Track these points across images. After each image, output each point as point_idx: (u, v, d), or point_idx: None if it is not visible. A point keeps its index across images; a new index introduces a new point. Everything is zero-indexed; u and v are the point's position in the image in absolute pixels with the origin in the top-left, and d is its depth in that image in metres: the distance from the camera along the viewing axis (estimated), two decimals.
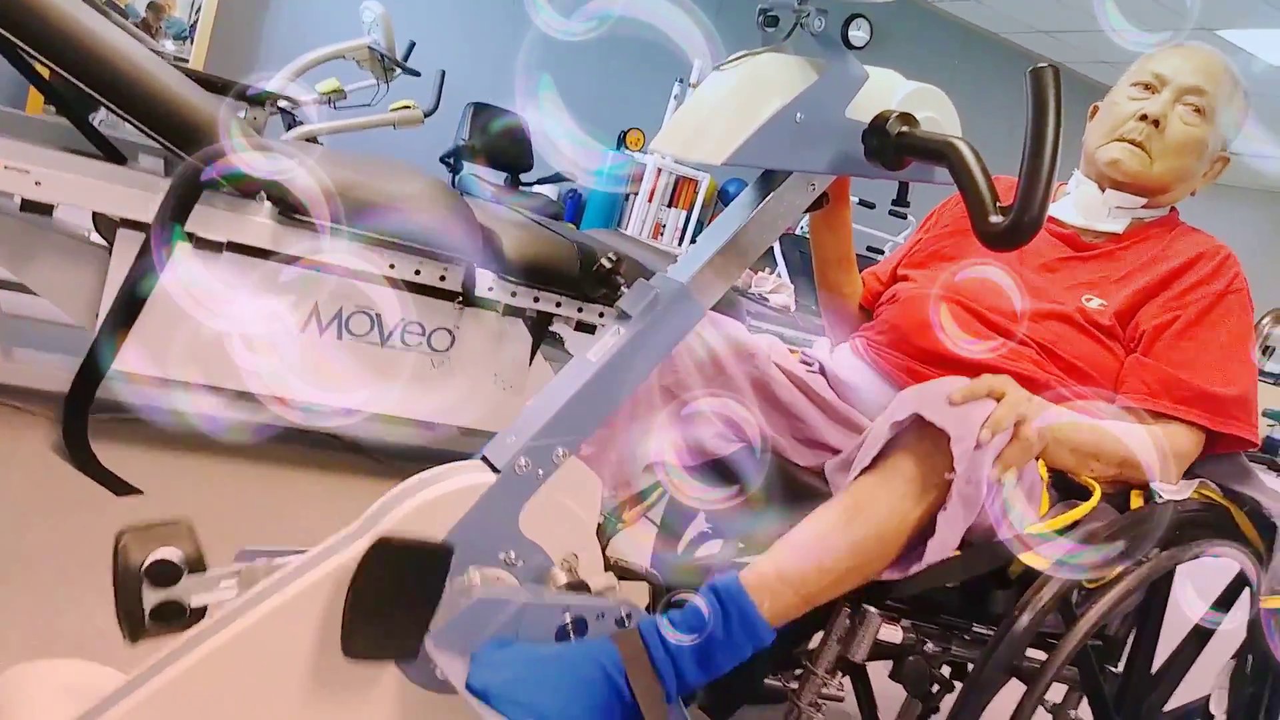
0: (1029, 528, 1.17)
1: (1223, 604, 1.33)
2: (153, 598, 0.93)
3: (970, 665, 1.15)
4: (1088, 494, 1.21)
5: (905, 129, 1.00)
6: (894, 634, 1.13)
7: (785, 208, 1.06)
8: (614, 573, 1.38)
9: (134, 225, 1.92)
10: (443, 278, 2.20)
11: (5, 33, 1.73)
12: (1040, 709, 1.15)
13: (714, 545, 1.70)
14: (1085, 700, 1.25)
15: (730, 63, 1.01)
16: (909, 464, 1.06)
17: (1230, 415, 1.26)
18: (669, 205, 6.24)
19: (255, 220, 2.01)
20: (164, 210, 1.88)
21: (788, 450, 1.30)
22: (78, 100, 2.06)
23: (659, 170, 6.01)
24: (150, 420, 2.06)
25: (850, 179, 1.34)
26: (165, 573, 0.93)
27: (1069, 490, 1.24)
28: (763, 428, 1.30)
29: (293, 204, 2.00)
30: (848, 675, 1.18)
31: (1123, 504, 1.24)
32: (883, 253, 5.59)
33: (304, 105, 3.49)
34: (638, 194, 6.12)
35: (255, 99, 2.90)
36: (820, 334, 1.59)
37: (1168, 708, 1.32)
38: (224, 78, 2.76)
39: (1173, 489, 1.24)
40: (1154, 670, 1.28)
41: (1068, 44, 7.48)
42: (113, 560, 0.93)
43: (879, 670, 1.19)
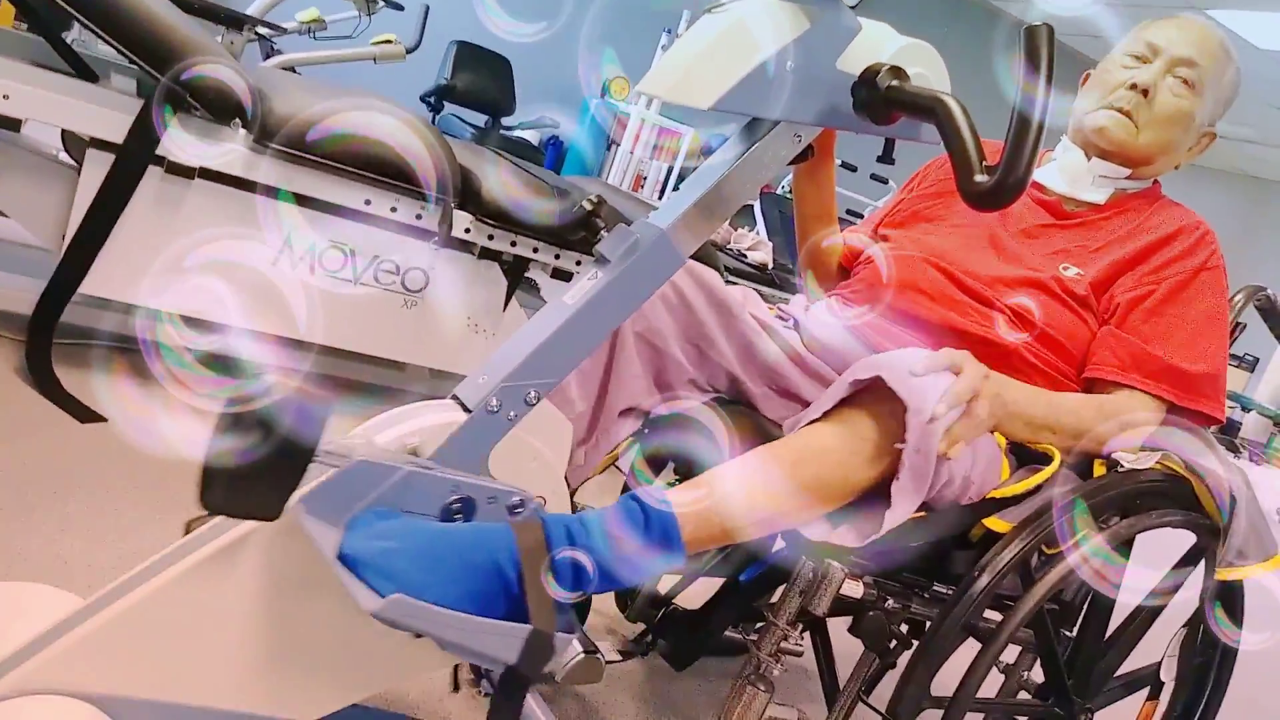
0: (993, 492, 1.18)
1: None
2: None
3: (929, 623, 1.16)
4: (1048, 459, 1.22)
5: (895, 83, 0.99)
6: (855, 589, 1.14)
7: (770, 158, 1.05)
8: None
9: (104, 145, 1.88)
10: (419, 216, 2.17)
11: None
12: (994, 669, 1.17)
13: None
14: (1039, 662, 1.27)
15: (722, 6, 0.99)
16: (864, 424, 1.05)
17: (1199, 392, 1.27)
18: (651, 157, 6.19)
19: (229, 147, 1.97)
20: (135, 131, 1.84)
21: (759, 401, 1.30)
22: (51, 15, 1.99)
23: (642, 121, 5.95)
24: (115, 346, 2.03)
25: (836, 133, 1.33)
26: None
27: (1029, 457, 1.25)
28: (736, 375, 1.30)
29: (268, 131, 1.96)
30: (808, 630, 1.19)
31: (1085, 471, 1.26)
32: (863, 216, 5.58)
33: (283, 32, 3.42)
34: (620, 144, 6.06)
35: (233, 23, 2.83)
36: (796, 292, 1.59)
37: (1119, 673, 1.34)
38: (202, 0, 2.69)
39: (1134, 458, 1.25)
40: (1107, 636, 1.31)
41: (1057, 17, 7.45)
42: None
43: (839, 625, 1.20)
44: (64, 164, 2.01)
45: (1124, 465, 1.22)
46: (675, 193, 1.08)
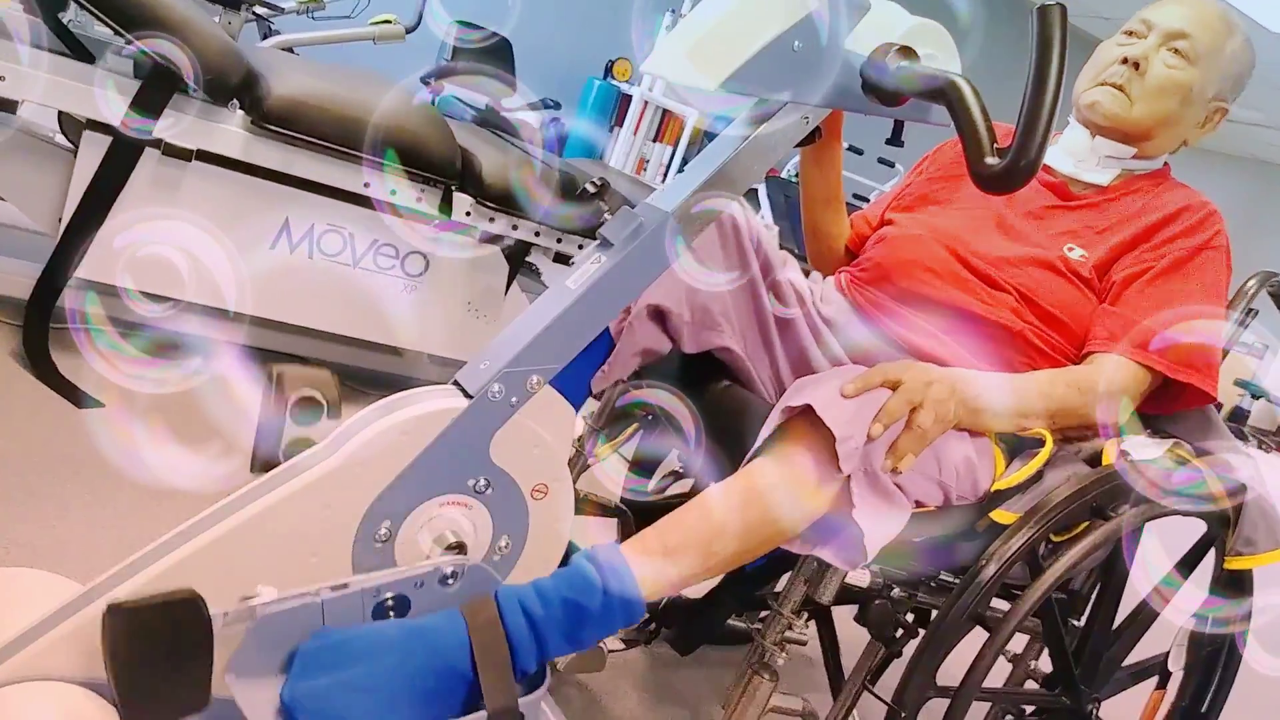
0: (995, 484, 1.17)
1: (1187, 563, 1.33)
2: (292, 431, 0.90)
3: (935, 612, 1.15)
4: (1041, 443, 1.20)
5: (905, 63, 0.97)
6: (861, 578, 1.13)
7: (777, 139, 1.03)
8: (585, 506, 1.38)
9: (100, 127, 1.86)
10: (419, 199, 2.15)
11: None
12: (1001, 658, 1.15)
13: (685, 483, 1.70)
14: (1045, 652, 1.26)
15: None
16: (803, 456, 1.01)
17: (1189, 365, 1.24)
18: (654, 140, 6.15)
19: (227, 129, 1.95)
20: (132, 113, 1.82)
21: (783, 371, 1.26)
22: None
23: (645, 103, 5.91)
24: (113, 331, 2.01)
25: (843, 115, 1.31)
26: (309, 410, 0.89)
27: (1023, 444, 1.23)
28: (766, 322, 1.24)
29: (266, 112, 1.94)
30: (813, 618, 1.18)
31: (1094, 459, 1.24)
32: (869, 200, 5.55)
33: (281, 12, 3.39)
34: (622, 126, 6.02)
35: (230, 3, 2.80)
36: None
37: (1126, 662, 1.33)
38: None
39: (1145, 444, 1.24)
40: (1115, 626, 1.29)
41: None
42: (266, 390, 0.90)
43: (844, 614, 1.19)
44: (60, 146, 1.99)
45: (1133, 455, 1.20)
46: (679, 174, 1.06)
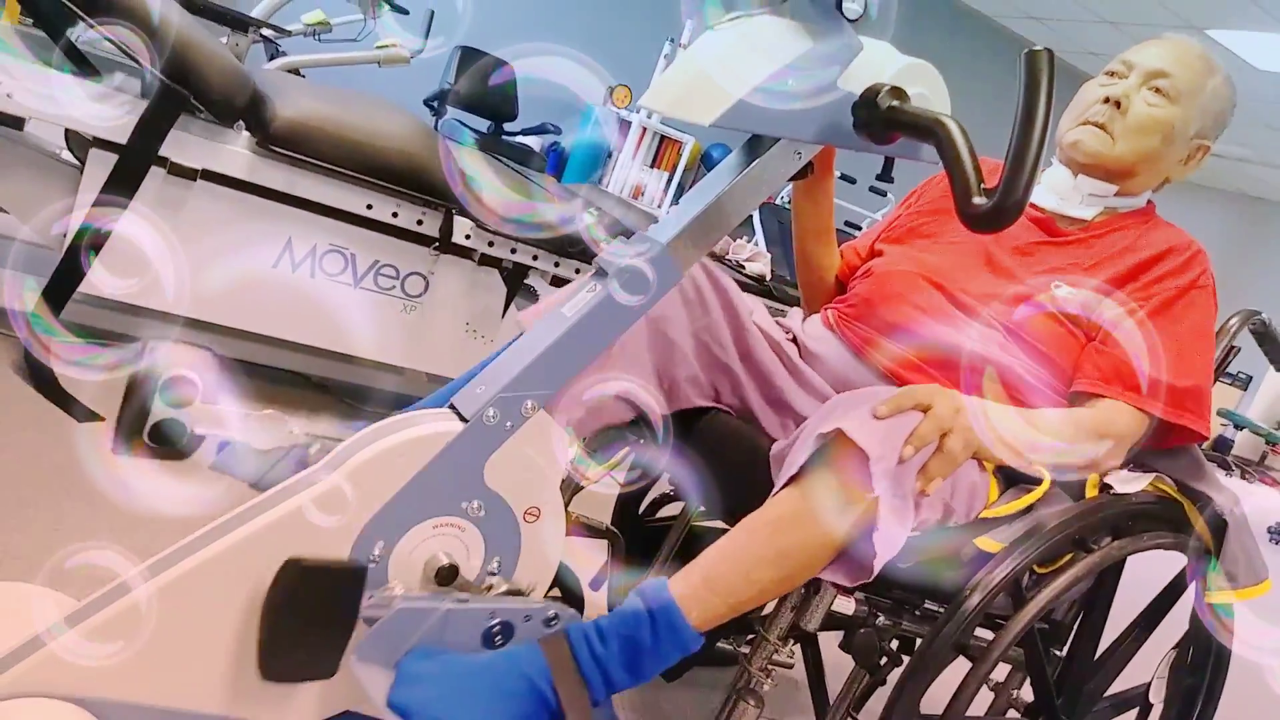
0: (985, 512, 1.19)
1: (1167, 596, 1.35)
2: (161, 411, 0.91)
3: (919, 640, 1.17)
4: (1038, 480, 1.22)
5: (896, 103, 0.99)
6: (847, 606, 1.15)
7: (770, 175, 1.05)
8: (576, 528, 1.39)
9: (107, 145, 1.88)
10: (420, 221, 2.18)
11: None
12: (984, 687, 1.17)
13: (675, 506, 1.71)
14: (1028, 681, 1.28)
15: (725, 22, 1.00)
16: (833, 479, 1.04)
17: (1182, 406, 1.27)
18: (652, 166, 6.19)
19: (232, 149, 1.97)
20: (139, 131, 1.84)
21: (757, 412, 1.30)
22: (56, 13, 2.00)
23: (644, 129, 5.96)
24: (115, 346, 2.03)
25: (835, 150, 1.33)
26: (182, 390, 0.90)
27: (1020, 476, 1.25)
28: (739, 379, 1.29)
29: (271, 134, 1.97)
30: (799, 643, 1.20)
31: (1078, 493, 1.26)
32: (860, 229, 5.59)
33: (288, 35, 3.42)
34: (621, 152, 6.07)
35: (238, 24, 2.84)
36: (794, 303, 1.59)
37: (1108, 693, 1.35)
38: (208, 1, 2.70)
39: (1128, 478, 1.26)
40: (1097, 656, 1.31)
41: (1058, 32, 7.48)
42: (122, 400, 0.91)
43: (829, 640, 1.20)
44: (67, 163, 2.01)
45: (1115, 488, 1.22)
46: (676, 207, 1.08)
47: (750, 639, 1.21)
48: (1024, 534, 1.14)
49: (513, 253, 2.29)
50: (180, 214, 1.98)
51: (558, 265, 2.37)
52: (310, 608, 0.91)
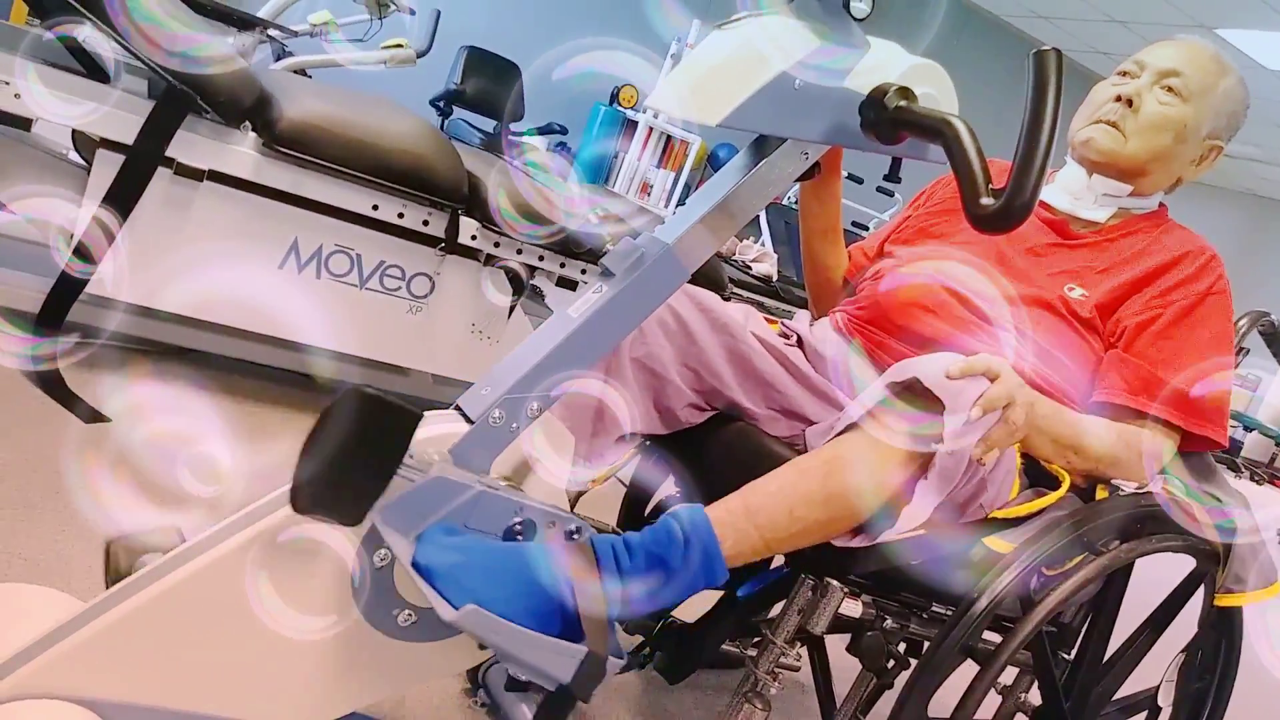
0: (995, 512, 1.18)
1: (1176, 598, 1.34)
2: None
3: (927, 643, 1.16)
4: (1057, 482, 1.22)
5: (903, 103, 0.99)
6: (854, 608, 1.14)
7: (777, 175, 1.05)
8: None
9: (113, 146, 1.88)
10: (426, 222, 2.18)
11: None
12: (991, 690, 1.16)
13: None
14: (1036, 684, 1.27)
15: (731, 22, 0.99)
16: (903, 425, 1.05)
17: (1205, 418, 1.27)
18: (658, 166, 6.19)
19: (238, 150, 1.98)
20: (145, 132, 1.85)
21: (763, 420, 1.30)
22: (63, 14, 2.00)
23: (650, 129, 5.96)
24: (121, 346, 2.03)
25: (843, 150, 1.33)
26: None
27: (1038, 478, 1.25)
28: (735, 398, 1.29)
29: (278, 134, 1.97)
30: (806, 646, 1.19)
31: (1088, 496, 1.26)
32: (868, 229, 5.58)
33: (294, 35, 3.43)
34: (627, 152, 6.07)
35: (244, 25, 2.84)
36: (801, 305, 1.58)
37: (1116, 697, 1.34)
38: (214, 2, 2.70)
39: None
40: (1105, 659, 1.30)
41: (1066, 31, 7.47)
42: (104, 568, 0.94)
43: (836, 643, 1.20)
44: (74, 163, 2.01)
45: (1123, 490, 1.22)
46: (682, 207, 1.08)
47: (756, 642, 1.20)
48: (1033, 536, 1.13)
49: (519, 253, 2.29)
50: (187, 214, 1.98)
51: (563, 266, 2.36)
52: (359, 438, 0.87)
